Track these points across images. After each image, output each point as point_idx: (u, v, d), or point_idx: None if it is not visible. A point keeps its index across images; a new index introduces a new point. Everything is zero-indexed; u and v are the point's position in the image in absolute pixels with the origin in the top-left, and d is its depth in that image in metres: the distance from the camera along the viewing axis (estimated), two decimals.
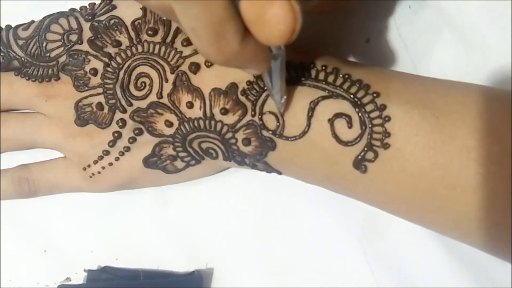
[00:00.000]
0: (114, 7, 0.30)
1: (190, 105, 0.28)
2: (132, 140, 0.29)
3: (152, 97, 0.29)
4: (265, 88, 0.27)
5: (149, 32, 0.29)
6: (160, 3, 0.21)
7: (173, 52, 0.29)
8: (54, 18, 0.31)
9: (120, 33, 0.29)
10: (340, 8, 0.28)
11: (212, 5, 0.18)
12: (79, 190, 0.32)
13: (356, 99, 0.26)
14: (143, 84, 0.29)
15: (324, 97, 0.27)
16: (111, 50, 0.29)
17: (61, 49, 0.30)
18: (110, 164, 0.30)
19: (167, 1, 0.20)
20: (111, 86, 0.29)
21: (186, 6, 0.18)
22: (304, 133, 0.27)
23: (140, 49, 0.29)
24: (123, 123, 0.29)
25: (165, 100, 0.28)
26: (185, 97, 0.28)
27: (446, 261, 0.31)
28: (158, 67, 0.29)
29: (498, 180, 0.24)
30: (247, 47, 0.19)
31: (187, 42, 0.29)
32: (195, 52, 0.28)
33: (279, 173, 0.30)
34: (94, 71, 0.29)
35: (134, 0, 0.22)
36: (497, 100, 0.26)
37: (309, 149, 0.27)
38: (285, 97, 0.26)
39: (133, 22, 0.29)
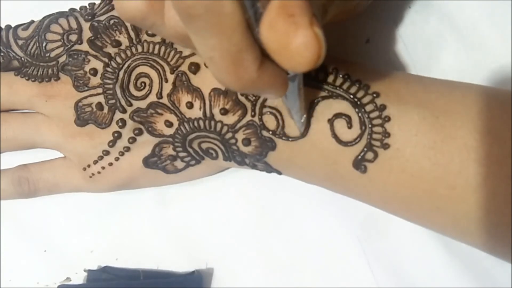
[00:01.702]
0: (114, 7, 0.30)
1: (190, 105, 0.28)
2: (132, 140, 0.29)
3: (152, 97, 0.29)
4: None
5: (149, 32, 0.29)
6: (177, 34, 0.21)
7: (172, 52, 0.29)
8: (53, 18, 0.31)
9: (120, 33, 0.29)
10: (352, 17, 0.28)
11: (229, 35, 0.17)
12: (79, 190, 0.32)
13: (355, 99, 0.26)
14: (143, 84, 0.29)
15: (323, 97, 0.27)
16: (111, 50, 0.29)
17: (61, 49, 0.30)
18: (110, 164, 0.30)
19: (181, 30, 0.20)
20: (111, 86, 0.29)
21: (203, 37, 0.18)
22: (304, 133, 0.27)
23: (140, 49, 0.29)
24: (123, 123, 0.29)
25: (165, 100, 0.28)
26: (185, 97, 0.28)
27: (446, 261, 0.31)
28: (158, 67, 0.29)
29: (498, 180, 0.24)
30: (264, 73, 0.19)
31: None
32: (195, 52, 0.28)
33: (279, 173, 0.30)
34: (94, 71, 0.29)
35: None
36: (497, 100, 0.26)
37: (309, 149, 0.27)
38: (304, 116, 0.26)
39: None
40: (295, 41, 0.17)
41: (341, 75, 0.27)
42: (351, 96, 0.27)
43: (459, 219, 0.26)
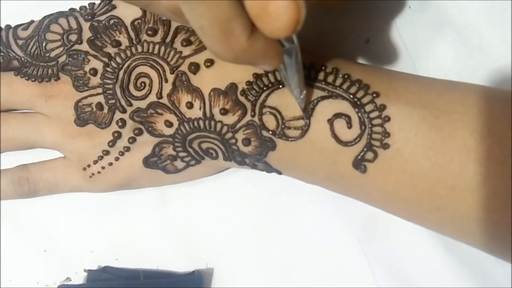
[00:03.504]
0: (114, 7, 0.30)
1: (189, 105, 0.28)
2: (132, 140, 0.29)
3: (152, 97, 0.29)
4: (264, 88, 0.27)
5: (149, 32, 0.29)
6: (168, 6, 0.21)
7: (172, 52, 0.29)
8: (53, 18, 0.31)
9: (120, 33, 0.29)
10: (342, 3, 0.28)
11: (217, 3, 0.18)
12: (79, 190, 0.32)
13: (355, 99, 0.26)
14: (142, 84, 0.29)
15: (323, 97, 0.27)
16: (111, 50, 0.29)
17: (61, 49, 0.30)
18: (110, 164, 0.30)
19: (174, 3, 0.20)
20: (110, 86, 0.29)
21: (192, 6, 0.18)
22: (303, 133, 0.27)
23: (139, 49, 0.29)
24: (123, 123, 0.29)
25: (164, 100, 0.28)
26: (185, 97, 0.28)
27: (446, 261, 0.31)
28: (158, 67, 0.29)
29: (497, 180, 0.24)
30: (255, 43, 0.19)
31: (187, 42, 0.29)
32: (195, 52, 0.28)
33: (279, 173, 0.30)
34: (94, 71, 0.29)
35: (139, 7, 0.23)
36: (497, 100, 0.26)
37: (309, 149, 0.27)
38: (304, 92, 0.26)
39: (132, 22, 0.29)
40: (273, 4, 0.17)
41: (341, 75, 0.27)
42: (351, 96, 0.27)
43: (459, 219, 0.26)
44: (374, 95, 0.26)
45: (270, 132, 0.27)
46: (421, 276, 0.31)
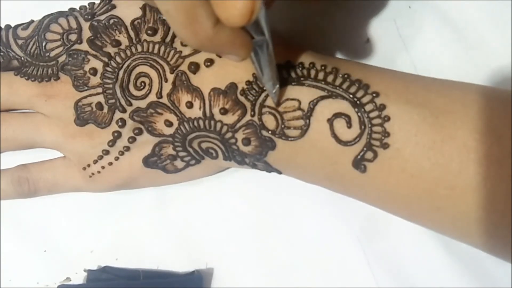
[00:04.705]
0: (114, 7, 0.30)
1: (189, 105, 0.28)
2: (132, 139, 0.29)
3: (152, 97, 0.29)
4: (264, 88, 0.27)
5: (149, 31, 0.29)
6: None
7: (172, 51, 0.29)
8: (53, 17, 0.31)
9: (120, 33, 0.29)
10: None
11: None
12: (78, 190, 0.32)
13: (355, 99, 0.26)
14: (142, 83, 0.29)
15: (323, 97, 0.27)
16: (111, 49, 0.29)
17: (61, 48, 0.30)
18: (110, 163, 0.30)
19: None
20: (110, 85, 0.29)
21: None
22: (303, 133, 0.27)
23: (139, 48, 0.29)
24: (122, 122, 0.29)
25: (164, 100, 0.28)
26: (185, 97, 0.28)
27: (446, 261, 0.31)
28: (158, 66, 0.29)
29: (497, 180, 0.24)
30: (221, 31, 0.20)
31: None
32: (195, 52, 0.28)
33: (279, 172, 0.30)
34: (94, 71, 0.29)
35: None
36: (497, 100, 0.26)
37: (309, 149, 0.27)
38: (277, 86, 0.26)
39: (132, 22, 0.29)
40: None
41: (340, 75, 0.27)
42: (351, 96, 0.27)
43: (459, 219, 0.26)
44: (374, 94, 0.26)
45: (270, 132, 0.27)
46: (421, 276, 0.31)
